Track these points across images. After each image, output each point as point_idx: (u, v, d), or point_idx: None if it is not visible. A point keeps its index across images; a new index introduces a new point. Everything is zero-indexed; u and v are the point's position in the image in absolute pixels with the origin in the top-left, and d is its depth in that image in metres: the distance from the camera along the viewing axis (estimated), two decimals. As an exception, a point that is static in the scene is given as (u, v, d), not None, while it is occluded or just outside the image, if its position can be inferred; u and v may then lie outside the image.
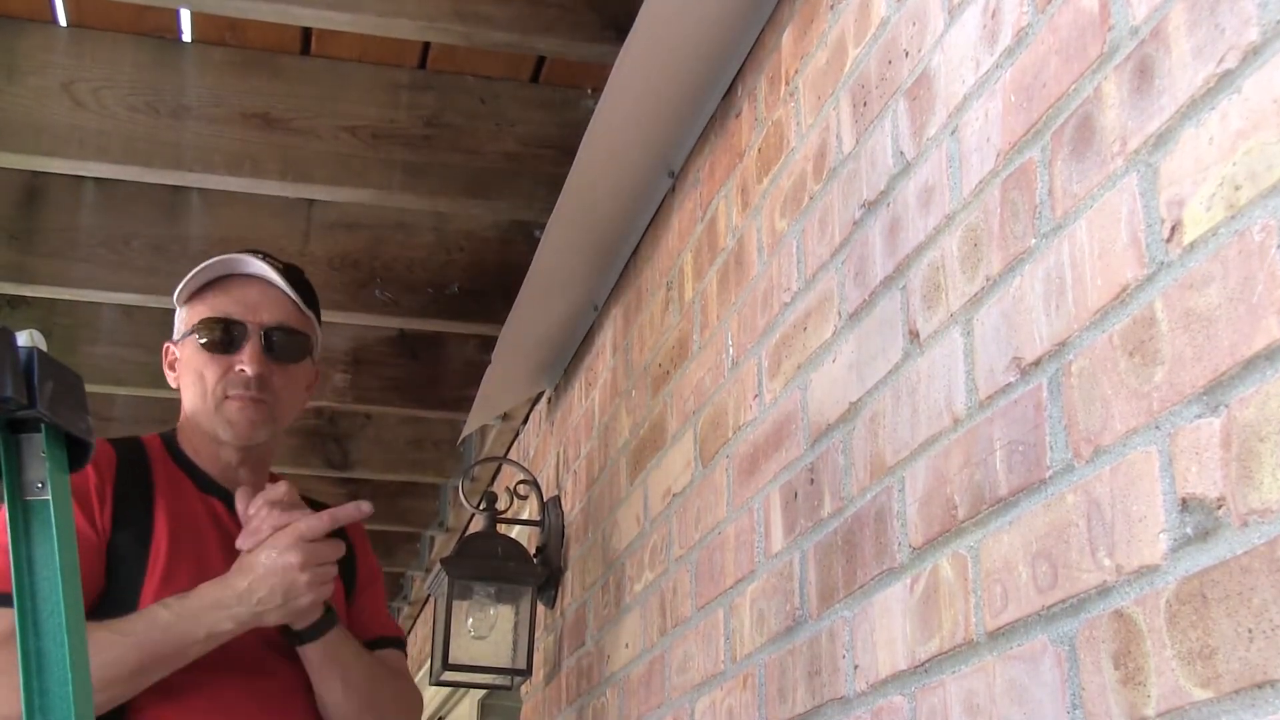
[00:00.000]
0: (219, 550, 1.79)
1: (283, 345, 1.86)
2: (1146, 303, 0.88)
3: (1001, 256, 1.06)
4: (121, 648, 1.62)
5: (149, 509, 1.76)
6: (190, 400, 1.85)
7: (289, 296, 1.87)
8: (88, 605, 1.65)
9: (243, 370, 1.82)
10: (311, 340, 1.91)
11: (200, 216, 2.70)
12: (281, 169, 2.33)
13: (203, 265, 1.86)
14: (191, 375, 1.84)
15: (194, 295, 1.87)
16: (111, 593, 1.70)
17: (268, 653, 1.78)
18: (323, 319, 1.99)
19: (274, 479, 1.91)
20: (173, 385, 1.91)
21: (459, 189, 2.40)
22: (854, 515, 1.29)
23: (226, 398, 1.82)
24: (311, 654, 1.78)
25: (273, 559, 1.71)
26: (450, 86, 2.41)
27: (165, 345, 1.92)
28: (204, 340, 1.83)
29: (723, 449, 1.69)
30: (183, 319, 1.88)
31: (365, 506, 1.83)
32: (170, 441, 1.88)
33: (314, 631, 1.77)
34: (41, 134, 2.25)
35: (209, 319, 1.84)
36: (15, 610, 1.11)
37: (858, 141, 1.36)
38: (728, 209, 1.77)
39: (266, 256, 1.89)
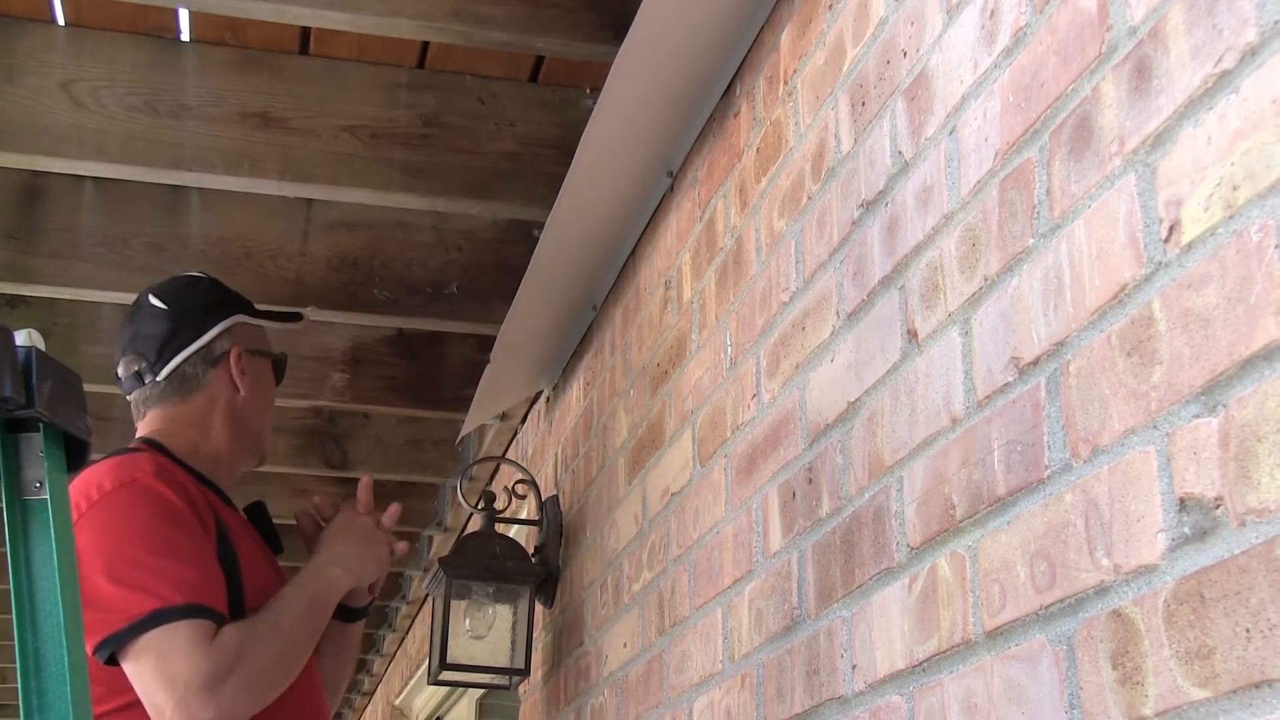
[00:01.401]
0: (265, 551, 1.99)
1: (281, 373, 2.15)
2: (1144, 303, 0.88)
3: (1000, 256, 1.06)
4: (283, 632, 1.79)
5: (221, 522, 1.87)
6: (257, 416, 2.00)
7: None
8: (223, 601, 1.79)
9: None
10: None
11: (200, 216, 2.70)
12: (281, 168, 2.33)
13: (275, 321, 2.10)
14: (264, 394, 2.03)
15: (259, 321, 2.05)
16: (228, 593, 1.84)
17: None
18: (322, 319, 2.11)
19: None
20: (229, 387, 1.99)
21: (458, 188, 2.40)
22: (852, 515, 1.29)
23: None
24: (353, 631, 2.05)
25: (363, 525, 1.99)
26: (449, 86, 2.41)
27: (236, 348, 2.01)
28: (278, 369, 2.05)
29: (721, 448, 1.69)
30: (256, 337, 2.04)
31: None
32: (176, 459, 1.91)
33: (365, 610, 2.04)
34: (41, 134, 2.24)
35: (283, 356, 2.07)
36: (14, 610, 1.11)
37: (856, 141, 1.36)
38: (726, 209, 1.77)
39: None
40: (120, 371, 1.98)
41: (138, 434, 1.98)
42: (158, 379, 1.95)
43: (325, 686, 2.01)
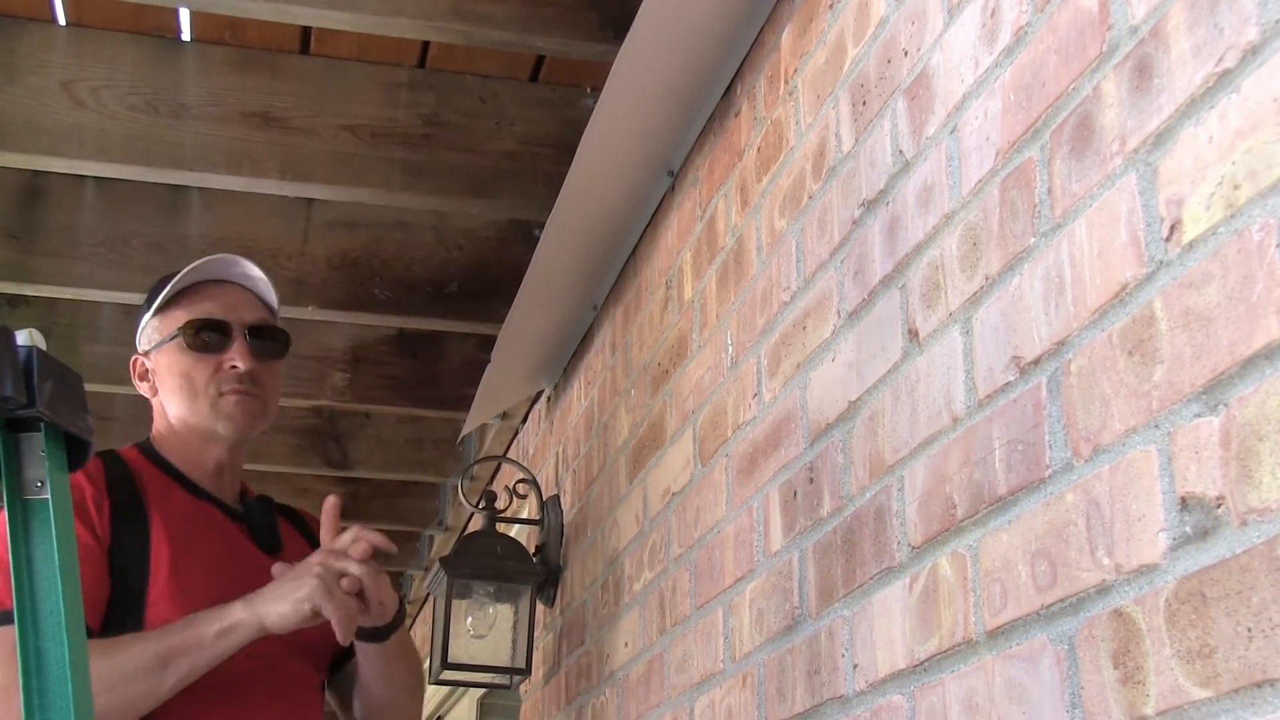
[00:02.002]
0: (222, 550, 1.84)
1: (266, 342, 1.91)
2: (1146, 302, 0.88)
3: (1001, 255, 1.06)
4: (112, 661, 1.62)
5: (143, 513, 1.77)
6: (178, 405, 1.87)
7: (260, 299, 1.93)
8: (97, 612, 1.68)
9: (234, 366, 1.86)
10: (289, 338, 1.96)
11: (200, 215, 2.70)
12: (281, 168, 2.33)
13: (184, 271, 1.88)
14: (177, 380, 1.86)
15: (166, 305, 1.89)
16: (117, 598, 1.72)
17: (284, 651, 1.82)
18: (323, 318, 2.01)
19: (246, 489, 1.98)
20: (146, 395, 1.92)
21: (458, 188, 2.40)
22: (853, 514, 1.29)
23: (221, 394, 1.85)
24: (385, 651, 1.87)
25: (306, 561, 1.74)
26: (449, 85, 2.41)
27: (134, 359, 1.94)
28: (191, 342, 1.86)
29: (722, 448, 1.69)
30: (156, 328, 1.90)
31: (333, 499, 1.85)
32: (149, 451, 1.89)
33: (382, 630, 1.84)
34: (41, 133, 2.25)
35: (193, 321, 1.87)
36: (15, 610, 1.11)
37: (857, 140, 1.36)
38: (727, 208, 1.77)
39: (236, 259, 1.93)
40: None
41: None
42: None
43: (386, 710, 1.94)
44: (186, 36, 2.32)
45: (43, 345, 1.12)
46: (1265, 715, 0.74)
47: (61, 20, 2.27)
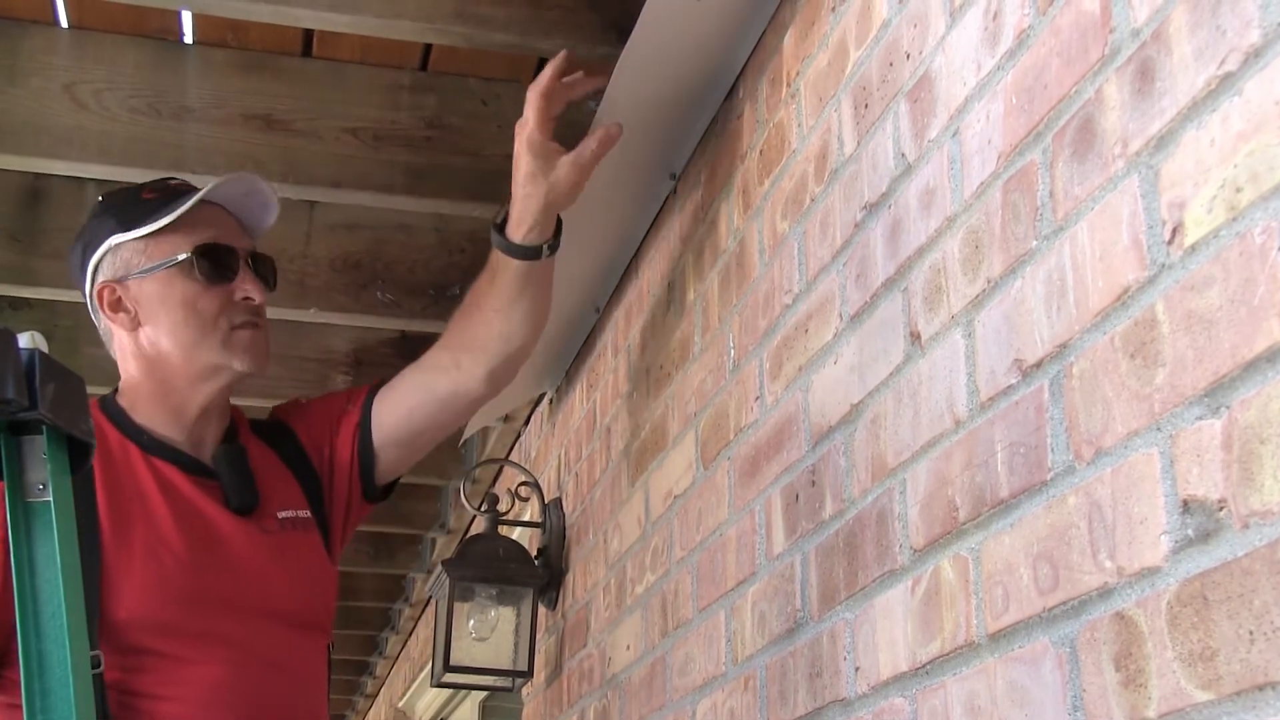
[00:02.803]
0: (170, 516, 1.66)
1: (267, 270, 1.79)
2: (1148, 305, 0.88)
3: (1003, 258, 1.06)
4: None
5: (89, 494, 1.59)
6: (178, 339, 1.70)
7: (239, 223, 1.77)
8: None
9: (248, 298, 1.73)
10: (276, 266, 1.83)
11: (202, 218, 2.69)
12: (283, 170, 2.33)
13: (192, 200, 1.69)
14: (178, 310, 1.69)
15: (165, 226, 1.69)
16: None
17: (288, 637, 1.70)
18: (325, 321, 1.99)
19: (240, 419, 1.83)
20: (120, 329, 1.73)
21: (461, 190, 2.40)
22: (855, 517, 1.29)
23: (235, 327, 1.72)
24: (533, 271, 1.80)
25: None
26: (452, 88, 2.41)
27: (100, 287, 1.72)
28: (201, 268, 1.69)
29: (724, 451, 1.69)
30: (145, 251, 1.70)
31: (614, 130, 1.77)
32: (109, 406, 1.73)
33: (533, 248, 1.77)
34: (43, 135, 2.25)
35: (202, 245, 1.70)
36: (17, 612, 1.11)
37: (859, 143, 1.36)
38: (729, 211, 1.77)
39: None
40: None
41: None
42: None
43: (512, 336, 1.82)
44: (189, 39, 2.33)
45: (45, 348, 1.13)
46: (1267, 718, 0.74)
47: (64, 22, 2.27)
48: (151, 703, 1.58)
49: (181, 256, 1.70)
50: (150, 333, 1.73)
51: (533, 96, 1.77)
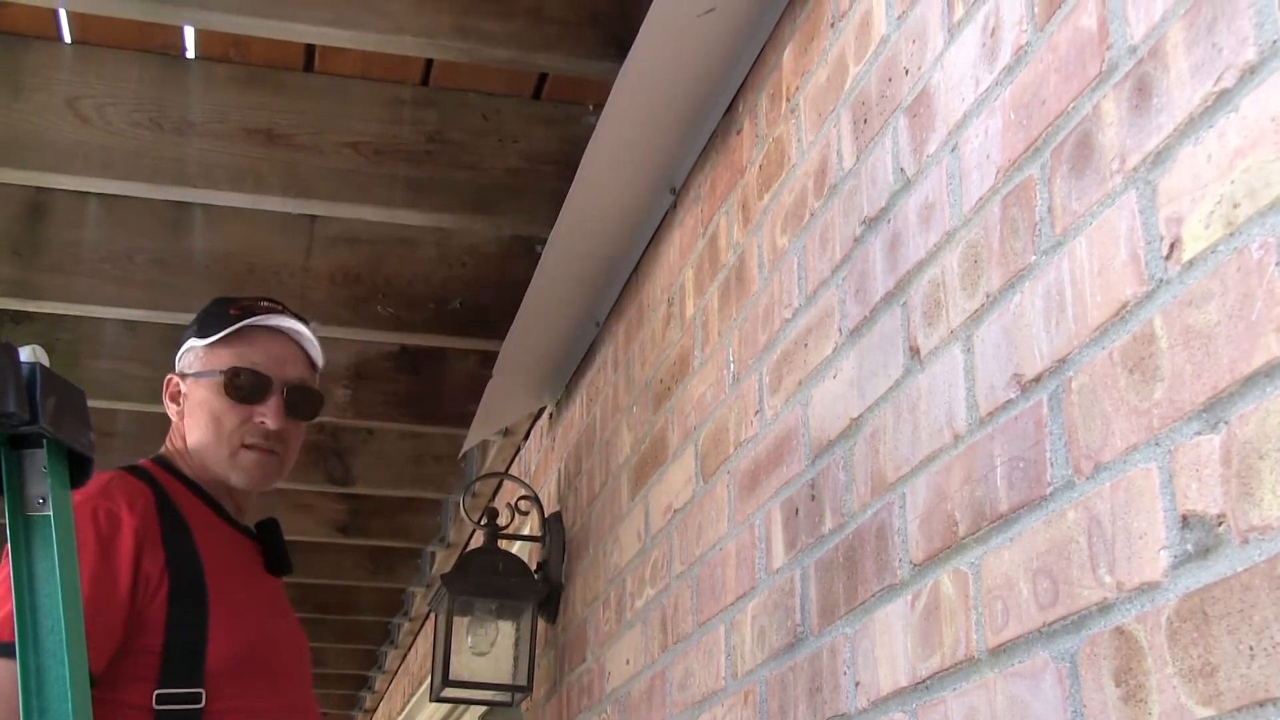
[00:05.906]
0: (254, 577, 1.87)
1: (302, 403, 1.92)
2: (1146, 320, 0.88)
3: (1002, 273, 1.06)
4: None
5: (191, 546, 1.76)
6: (199, 439, 1.87)
7: (308, 355, 1.94)
8: (101, 656, 1.59)
9: (264, 423, 1.87)
10: (322, 401, 1.99)
11: (203, 232, 2.70)
12: (284, 184, 2.33)
13: (242, 323, 1.89)
14: (205, 416, 1.87)
15: (220, 339, 1.89)
16: (174, 637, 1.68)
17: (309, 683, 1.92)
18: (325, 335, 2.00)
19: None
20: (171, 415, 1.92)
21: (461, 204, 2.41)
22: (855, 531, 1.29)
23: (243, 446, 1.87)
24: None
25: None
26: (452, 103, 2.41)
27: (170, 377, 1.93)
28: (229, 387, 1.86)
29: (724, 465, 1.69)
30: (201, 359, 1.89)
31: None
32: (170, 468, 1.87)
33: None
34: (46, 150, 2.25)
35: (238, 368, 1.87)
36: (15, 626, 1.11)
37: (858, 158, 1.37)
38: (729, 225, 1.77)
39: (287, 310, 1.94)
40: None
41: None
42: None
43: None
44: (191, 54, 2.33)
45: (46, 361, 1.13)
46: (1267, 734, 0.74)
47: (67, 38, 2.28)
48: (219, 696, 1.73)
49: (220, 372, 1.87)
50: (187, 427, 1.90)
51: None
